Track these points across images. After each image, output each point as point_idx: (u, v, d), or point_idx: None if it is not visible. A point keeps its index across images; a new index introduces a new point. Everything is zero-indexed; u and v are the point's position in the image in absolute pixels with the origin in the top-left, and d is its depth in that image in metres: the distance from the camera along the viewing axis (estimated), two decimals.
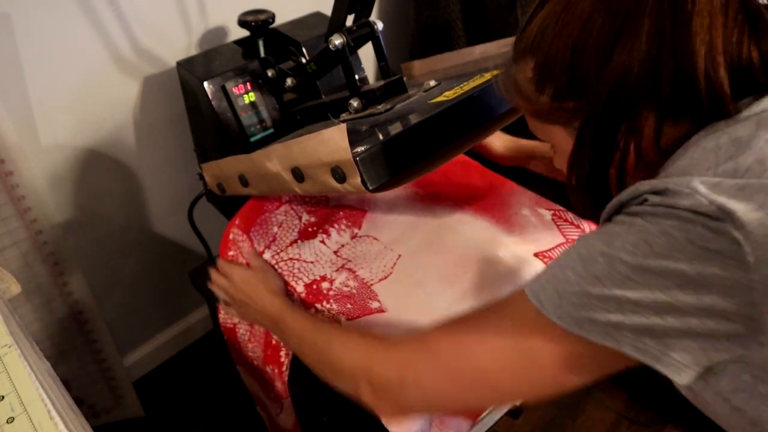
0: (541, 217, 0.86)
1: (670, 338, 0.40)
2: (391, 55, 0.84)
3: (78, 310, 1.12)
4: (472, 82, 0.74)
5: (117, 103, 1.05)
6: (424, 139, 0.65)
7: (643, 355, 0.41)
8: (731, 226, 0.37)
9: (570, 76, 0.47)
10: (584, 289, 0.43)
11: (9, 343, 0.55)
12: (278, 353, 0.78)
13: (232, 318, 0.86)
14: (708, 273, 0.38)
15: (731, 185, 0.38)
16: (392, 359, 0.55)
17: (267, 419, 1.00)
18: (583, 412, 1.31)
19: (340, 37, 0.76)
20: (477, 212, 0.87)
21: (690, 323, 0.39)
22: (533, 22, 0.50)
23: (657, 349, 0.41)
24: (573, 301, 0.43)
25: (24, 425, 0.47)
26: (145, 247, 1.25)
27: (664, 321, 0.40)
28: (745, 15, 0.43)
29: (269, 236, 0.85)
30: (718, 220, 0.37)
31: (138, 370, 1.39)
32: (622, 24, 0.44)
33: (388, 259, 0.81)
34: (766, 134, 0.41)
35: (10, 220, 0.96)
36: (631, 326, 0.41)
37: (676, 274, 0.39)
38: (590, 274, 0.42)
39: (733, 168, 0.40)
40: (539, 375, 0.47)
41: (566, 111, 0.49)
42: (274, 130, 0.93)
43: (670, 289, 0.39)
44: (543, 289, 0.45)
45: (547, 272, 0.46)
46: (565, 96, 0.49)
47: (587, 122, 0.48)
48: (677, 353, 0.41)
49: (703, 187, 0.39)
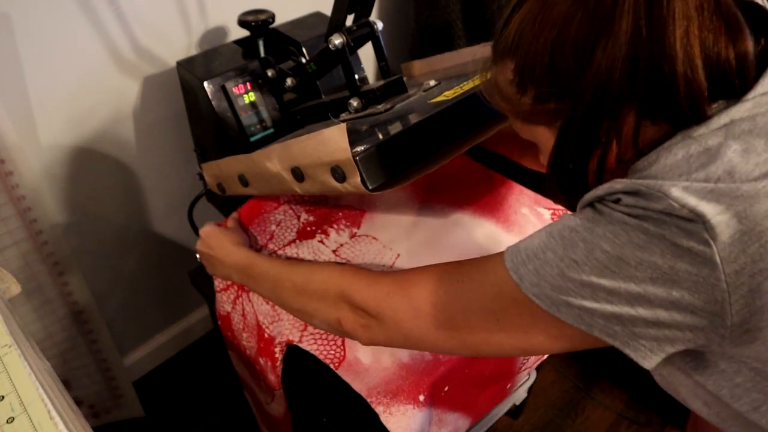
0: (540, 216, 0.86)
1: (638, 327, 0.43)
2: (391, 55, 0.84)
3: (78, 310, 1.12)
4: (472, 82, 0.74)
5: (117, 103, 1.05)
6: (424, 138, 0.65)
7: (613, 339, 0.45)
8: (701, 227, 0.40)
9: (550, 78, 0.48)
10: (563, 272, 0.45)
11: (9, 343, 0.55)
12: (272, 347, 0.78)
13: (224, 306, 0.86)
14: (679, 268, 0.41)
15: (701, 189, 0.41)
16: (372, 292, 0.59)
17: (254, 405, 1.00)
18: (583, 412, 1.31)
19: (340, 37, 0.76)
20: (476, 211, 0.87)
21: (658, 314, 0.42)
22: (511, 24, 0.50)
23: (625, 335, 0.44)
24: (551, 282, 0.46)
25: (24, 425, 0.47)
26: (145, 247, 1.25)
27: (635, 311, 0.43)
28: (720, 17, 0.44)
29: (267, 234, 0.85)
30: (690, 221, 0.40)
31: (138, 370, 1.39)
32: (600, 26, 0.44)
33: (387, 258, 0.81)
34: (734, 144, 0.43)
35: (10, 220, 0.96)
36: (602, 313, 0.44)
37: (651, 266, 0.42)
38: (570, 258, 0.45)
39: (703, 177, 0.42)
40: (509, 340, 0.51)
41: (548, 111, 0.50)
42: (274, 130, 0.93)
43: (644, 281, 0.42)
44: (524, 266, 0.48)
45: (528, 247, 0.49)
46: (547, 97, 0.49)
47: (569, 122, 0.48)
48: (645, 340, 0.44)
49: (675, 191, 0.41)
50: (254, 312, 0.81)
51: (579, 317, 0.45)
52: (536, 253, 0.47)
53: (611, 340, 0.45)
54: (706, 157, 0.43)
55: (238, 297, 0.83)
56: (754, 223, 0.40)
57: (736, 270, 0.40)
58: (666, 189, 0.41)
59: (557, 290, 0.45)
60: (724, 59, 0.44)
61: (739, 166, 0.42)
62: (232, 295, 0.84)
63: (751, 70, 0.45)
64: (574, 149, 0.49)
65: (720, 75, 0.44)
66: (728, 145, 0.43)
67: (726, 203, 0.40)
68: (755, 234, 0.40)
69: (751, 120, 0.44)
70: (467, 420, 0.79)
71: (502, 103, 0.54)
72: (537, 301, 0.47)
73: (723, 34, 0.44)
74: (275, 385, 0.79)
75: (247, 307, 0.82)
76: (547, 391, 1.35)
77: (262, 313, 0.80)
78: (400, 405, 0.68)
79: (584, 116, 0.47)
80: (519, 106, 0.52)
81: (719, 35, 0.44)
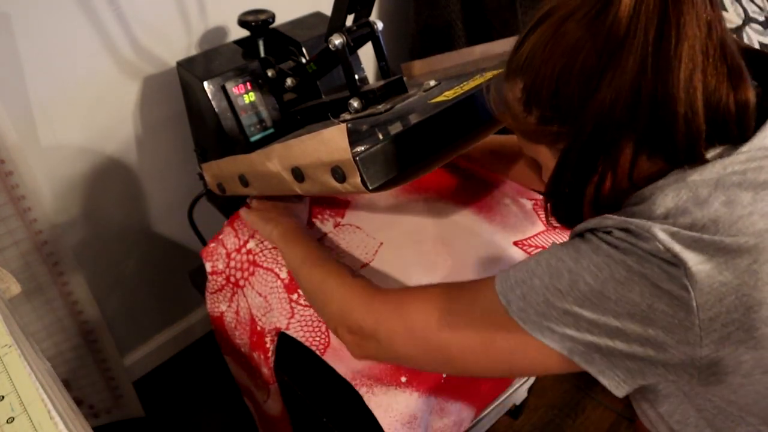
0: (522, 207, 0.87)
1: (615, 357, 0.45)
2: (391, 55, 0.84)
3: (78, 310, 1.12)
4: (472, 82, 0.74)
5: (117, 103, 1.05)
6: (424, 139, 0.65)
7: (590, 366, 0.47)
8: (683, 273, 0.41)
9: (555, 103, 0.49)
10: (548, 299, 0.47)
11: (9, 343, 0.55)
12: (263, 339, 0.79)
13: (219, 306, 0.86)
14: (657, 308, 0.42)
15: (686, 237, 0.42)
16: (371, 313, 0.61)
17: (254, 409, 1.01)
18: (583, 412, 1.31)
19: (340, 37, 0.76)
20: (459, 201, 0.88)
21: (634, 349, 0.44)
22: (525, 44, 0.51)
23: (603, 364, 0.46)
24: (537, 309, 0.48)
25: (24, 425, 0.47)
26: (145, 247, 1.25)
27: (613, 343, 0.45)
28: (725, 64, 0.45)
29: None
30: (672, 265, 0.42)
31: (138, 370, 1.39)
32: (607, 59, 0.45)
33: (370, 247, 0.82)
34: (722, 196, 0.44)
35: (10, 220, 0.96)
36: (583, 342, 0.46)
37: (630, 303, 0.43)
38: (555, 287, 0.47)
39: (690, 223, 0.43)
40: (496, 362, 0.53)
41: (551, 134, 0.51)
42: (274, 130, 0.93)
43: (622, 316, 0.44)
44: (512, 291, 0.50)
45: (518, 273, 0.50)
46: (550, 120, 0.50)
47: (569, 149, 0.50)
48: (619, 370, 0.46)
49: (662, 234, 0.42)
50: (248, 306, 0.82)
51: (561, 343, 0.47)
52: (524, 280, 0.49)
53: (588, 366, 0.47)
54: (694, 204, 0.44)
55: (234, 294, 0.84)
56: (733, 276, 0.41)
57: (710, 317, 0.41)
58: (654, 231, 0.43)
59: (542, 316, 0.47)
60: (724, 105, 0.45)
61: (724, 217, 0.43)
62: (228, 293, 0.84)
63: (750, 118, 0.46)
64: (571, 176, 0.51)
65: (719, 120, 0.46)
66: (716, 196, 0.44)
67: (709, 254, 0.42)
68: (733, 287, 0.41)
69: (742, 174, 0.45)
70: (471, 411, 0.79)
71: (508, 119, 0.56)
72: (523, 325, 0.48)
73: (726, 81, 0.45)
74: (269, 378, 0.80)
75: (241, 303, 0.83)
76: (547, 391, 1.35)
77: (255, 306, 0.81)
78: (382, 386, 0.69)
79: (584, 145, 0.49)
80: (524, 125, 0.53)
81: (722, 81, 0.45)
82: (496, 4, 1.24)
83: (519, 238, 0.81)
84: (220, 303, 0.86)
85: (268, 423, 0.97)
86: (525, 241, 0.80)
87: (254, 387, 0.91)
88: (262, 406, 0.93)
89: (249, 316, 0.82)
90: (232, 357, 0.91)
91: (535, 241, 0.81)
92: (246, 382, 0.94)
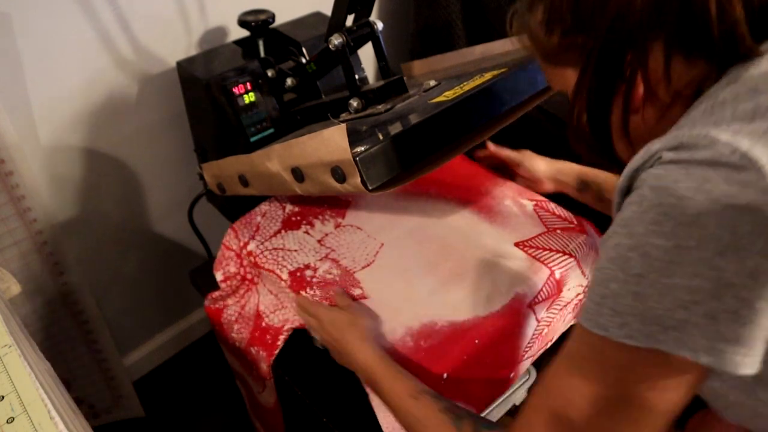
0: (523, 208, 0.87)
1: (736, 324, 0.36)
2: (391, 55, 0.84)
3: (78, 311, 1.12)
4: (472, 82, 0.74)
5: (117, 103, 1.05)
6: (424, 139, 0.65)
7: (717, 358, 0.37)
8: (756, 174, 0.34)
9: (575, 11, 0.47)
10: (636, 293, 0.39)
11: (9, 343, 0.55)
12: (266, 335, 0.79)
13: (221, 301, 0.87)
14: (742, 231, 0.35)
15: (752, 130, 0.35)
16: None
17: (246, 394, 1.01)
18: None
19: (340, 37, 0.76)
20: (460, 202, 0.88)
21: (741, 296, 0.36)
22: None
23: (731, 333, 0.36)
24: (632, 313, 0.39)
25: (24, 425, 0.47)
26: (145, 247, 1.25)
27: (721, 303, 0.36)
28: None
29: (252, 226, 0.86)
30: (741, 170, 0.35)
31: (138, 370, 1.39)
32: None
33: (371, 247, 0.82)
34: None
35: (10, 220, 0.96)
36: (696, 323, 0.37)
37: (710, 239, 0.35)
38: (630, 274, 0.39)
39: (751, 109, 0.37)
40: (640, 409, 0.42)
41: (574, 48, 0.49)
42: (274, 130, 0.93)
43: (711, 259, 0.36)
44: (599, 314, 0.41)
45: (592, 297, 0.42)
46: (572, 32, 0.48)
47: (591, 53, 0.46)
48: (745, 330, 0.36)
49: (723, 135, 0.36)
50: (257, 302, 0.82)
51: (678, 340, 0.38)
52: (602, 294, 0.41)
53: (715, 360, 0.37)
54: (753, 92, 0.38)
55: (248, 291, 0.84)
56: None
57: None
58: (713, 134, 0.36)
59: (642, 318, 0.39)
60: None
61: None
62: (243, 290, 0.85)
63: None
64: (595, 79, 0.47)
65: (763, 12, 0.40)
66: None
67: None
68: None
69: None
70: None
71: (531, 45, 0.54)
72: (631, 342, 0.39)
73: None
74: (266, 374, 0.80)
75: (251, 299, 0.83)
76: None
77: (265, 303, 0.81)
78: None
79: (605, 45, 0.45)
80: (548, 46, 0.51)
81: None
82: (496, 4, 1.24)
83: (520, 239, 0.81)
84: (226, 298, 0.86)
85: (259, 409, 0.97)
86: (526, 242, 0.80)
87: (250, 377, 0.91)
88: (255, 395, 0.93)
89: (255, 312, 0.82)
90: (227, 346, 0.91)
91: (536, 242, 0.81)
92: (241, 371, 0.94)
